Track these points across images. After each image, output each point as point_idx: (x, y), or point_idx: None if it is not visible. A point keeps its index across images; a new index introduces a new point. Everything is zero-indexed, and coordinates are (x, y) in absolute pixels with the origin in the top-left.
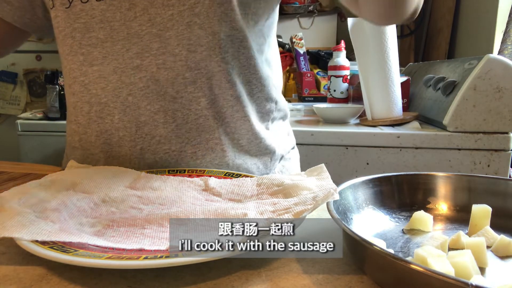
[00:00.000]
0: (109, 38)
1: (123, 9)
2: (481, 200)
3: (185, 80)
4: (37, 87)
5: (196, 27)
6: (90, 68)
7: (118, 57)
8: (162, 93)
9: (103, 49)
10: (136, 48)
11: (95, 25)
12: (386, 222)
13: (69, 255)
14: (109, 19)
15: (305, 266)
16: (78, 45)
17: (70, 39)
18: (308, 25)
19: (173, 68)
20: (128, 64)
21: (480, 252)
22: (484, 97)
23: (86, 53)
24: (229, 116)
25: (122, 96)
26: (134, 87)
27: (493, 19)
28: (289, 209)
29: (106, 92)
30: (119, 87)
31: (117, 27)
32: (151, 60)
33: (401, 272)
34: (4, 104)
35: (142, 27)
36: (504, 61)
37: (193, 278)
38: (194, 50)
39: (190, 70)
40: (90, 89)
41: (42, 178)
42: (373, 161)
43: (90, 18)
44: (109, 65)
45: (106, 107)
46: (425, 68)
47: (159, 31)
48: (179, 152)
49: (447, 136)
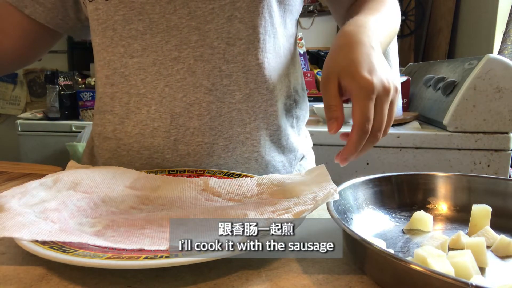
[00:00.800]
0: (148, 30)
1: (163, 2)
2: (481, 200)
3: (221, 73)
4: (37, 87)
5: (237, 21)
6: (131, 59)
7: (157, 49)
8: (198, 85)
9: (142, 41)
10: (175, 40)
11: (134, 17)
12: (386, 222)
13: (69, 255)
14: (148, 11)
15: (305, 266)
16: (119, 37)
17: (111, 31)
18: (308, 25)
19: (210, 61)
20: (166, 56)
21: (480, 252)
22: (484, 97)
23: (126, 45)
24: (262, 111)
25: (160, 88)
26: (171, 79)
27: (493, 19)
28: (289, 209)
29: (145, 83)
30: (157, 78)
31: (156, 19)
32: (189, 52)
33: (401, 272)
34: (4, 104)
35: (182, 20)
36: (504, 61)
37: (193, 278)
38: (233, 43)
39: (227, 63)
40: (130, 80)
41: (43, 178)
42: (373, 161)
43: (129, 10)
44: (149, 57)
45: (144, 98)
46: (425, 68)
47: (199, 24)
48: (211, 145)
49: (447, 136)
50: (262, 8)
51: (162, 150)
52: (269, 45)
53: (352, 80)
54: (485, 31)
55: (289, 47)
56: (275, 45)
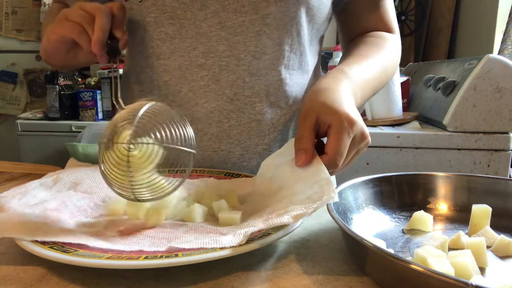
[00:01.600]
0: (177, 34)
1: (194, 9)
2: (481, 200)
3: (245, 84)
4: (37, 87)
5: (265, 36)
6: (157, 61)
7: (184, 54)
8: (220, 93)
9: (171, 45)
10: (203, 47)
11: (164, 21)
12: (386, 222)
13: (69, 255)
14: (179, 16)
15: (305, 266)
16: (149, 38)
17: (142, 31)
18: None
19: (234, 71)
20: (193, 61)
21: (480, 252)
22: (484, 97)
23: (155, 46)
24: (281, 124)
25: (183, 92)
26: (195, 84)
27: (493, 19)
28: (288, 211)
29: (169, 85)
30: (181, 82)
31: (187, 25)
32: (215, 60)
33: (401, 272)
34: (4, 104)
35: (211, 28)
36: (504, 61)
37: (193, 278)
38: (258, 57)
39: (250, 75)
40: (153, 80)
41: (43, 177)
42: (373, 161)
43: (161, 13)
44: (175, 60)
45: (165, 100)
46: (425, 68)
47: (228, 34)
48: (227, 152)
49: (447, 136)
50: (291, 27)
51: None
52: (293, 62)
53: (333, 114)
54: (485, 31)
55: (313, 63)
56: (301, 62)
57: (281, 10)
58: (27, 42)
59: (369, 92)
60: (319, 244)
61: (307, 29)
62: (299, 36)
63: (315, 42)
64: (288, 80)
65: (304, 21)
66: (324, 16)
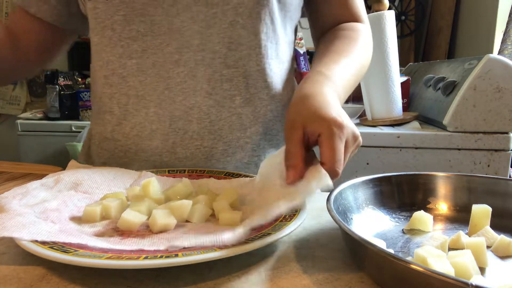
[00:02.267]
0: (149, 32)
1: (166, 5)
2: (481, 200)
3: (222, 77)
4: (37, 87)
5: (239, 26)
6: (129, 61)
7: (158, 51)
8: (198, 89)
9: (143, 43)
10: (176, 43)
11: (135, 18)
12: (386, 222)
13: (69, 255)
14: (150, 13)
15: (305, 266)
16: (117, 37)
17: (110, 31)
18: (308, 25)
19: (211, 65)
20: (167, 58)
21: (480, 252)
22: (484, 97)
23: (125, 45)
24: (262, 115)
25: (159, 90)
26: (171, 82)
27: (493, 19)
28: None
29: (144, 85)
30: (156, 80)
31: (158, 21)
32: (190, 55)
33: (401, 272)
34: (4, 104)
35: (184, 23)
36: (504, 61)
37: (193, 278)
38: (234, 48)
39: (227, 68)
40: (128, 81)
41: (44, 178)
42: (373, 161)
43: (130, 10)
44: (148, 58)
45: (142, 100)
46: (425, 68)
47: (201, 28)
48: (210, 149)
49: (447, 136)
50: (264, 14)
51: (160, 153)
52: (271, 51)
53: (321, 122)
54: (485, 31)
55: (290, 53)
56: (277, 51)
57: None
58: None
59: (348, 91)
60: (319, 244)
61: (279, 17)
62: (273, 24)
63: (290, 32)
64: (268, 71)
65: (276, 8)
66: (295, 4)
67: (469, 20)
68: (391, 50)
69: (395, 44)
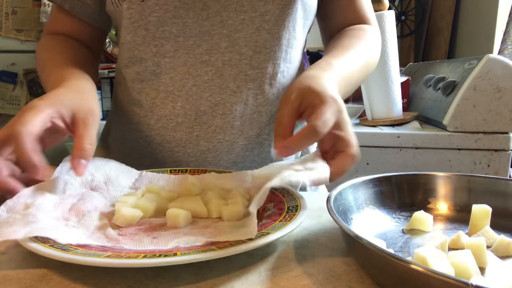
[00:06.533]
0: (181, 33)
1: (197, 9)
2: (481, 200)
3: (247, 77)
4: (37, 87)
5: (264, 31)
6: (163, 59)
7: (189, 52)
8: (224, 87)
9: (175, 43)
10: (206, 45)
11: (168, 20)
12: (386, 222)
13: (69, 253)
14: (182, 15)
15: (305, 266)
16: (151, 37)
17: (143, 31)
18: None
19: (237, 66)
20: (197, 58)
21: (480, 252)
22: (484, 97)
23: (159, 45)
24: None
25: (187, 86)
26: (199, 79)
27: (493, 19)
28: None
29: (174, 81)
30: (186, 78)
31: (190, 24)
32: (218, 56)
33: (401, 272)
34: (4, 104)
35: (214, 27)
36: (504, 61)
37: (193, 278)
38: (259, 51)
39: (252, 69)
40: (160, 78)
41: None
42: (373, 161)
43: (163, 12)
44: (180, 58)
45: (171, 95)
46: (425, 68)
47: (229, 32)
48: (232, 143)
49: (447, 136)
50: (288, 22)
51: (184, 144)
52: (290, 55)
53: (318, 95)
54: (485, 31)
55: (300, 58)
56: (294, 56)
57: (279, 8)
58: (27, 42)
59: (351, 86)
60: (319, 244)
61: (301, 25)
62: (294, 31)
63: (303, 38)
64: (285, 73)
65: (299, 17)
66: (314, 12)
67: (469, 20)
68: (391, 50)
69: (395, 44)
